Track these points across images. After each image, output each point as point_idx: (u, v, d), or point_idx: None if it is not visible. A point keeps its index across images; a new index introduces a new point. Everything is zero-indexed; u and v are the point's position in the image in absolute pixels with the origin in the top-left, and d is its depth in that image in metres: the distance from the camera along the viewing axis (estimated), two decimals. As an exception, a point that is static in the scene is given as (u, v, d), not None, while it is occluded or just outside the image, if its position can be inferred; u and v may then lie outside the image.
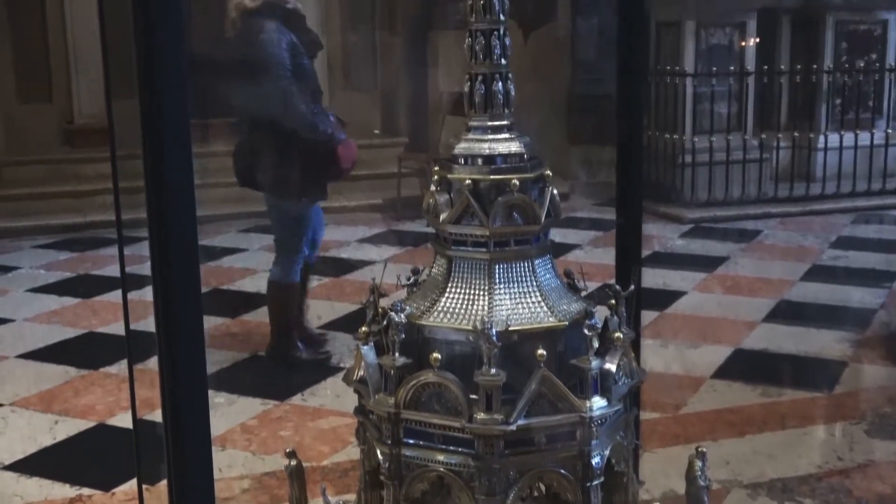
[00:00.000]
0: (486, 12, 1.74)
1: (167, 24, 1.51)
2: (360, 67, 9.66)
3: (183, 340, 1.56)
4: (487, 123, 1.74)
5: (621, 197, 2.35)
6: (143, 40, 1.51)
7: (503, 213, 1.68)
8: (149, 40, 1.51)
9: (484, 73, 1.74)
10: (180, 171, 1.53)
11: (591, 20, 9.07)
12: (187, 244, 1.54)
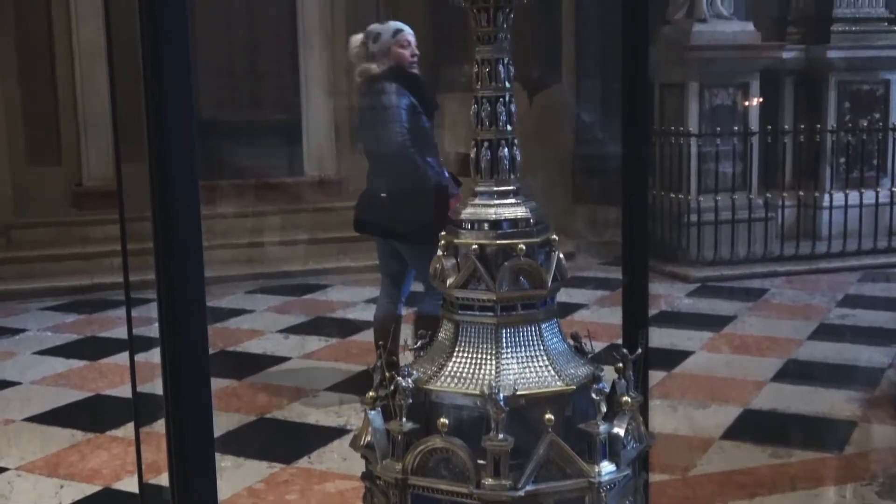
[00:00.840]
0: (491, 79, 1.77)
1: (178, 90, 1.52)
2: (366, 129, 9.72)
3: (190, 403, 1.55)
4: (493, 189, 1.75)
5: (627, 256, 2.35)
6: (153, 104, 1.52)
7: (510, 277, 1.68)
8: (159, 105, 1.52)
9: (490, 139, 1.76)
10: (189, 233, 1.54)
11: (595, 82, 9.15)
12: (195, 306, 1.55)
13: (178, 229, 1.52)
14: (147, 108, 1.53)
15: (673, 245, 8.33)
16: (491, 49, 1.79)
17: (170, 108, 1.51)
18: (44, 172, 8.86)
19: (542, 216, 1.74)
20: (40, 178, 8.81)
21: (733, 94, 8.47)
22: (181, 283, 1.53)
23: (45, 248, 8.32)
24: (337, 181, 9.45)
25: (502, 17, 1.80)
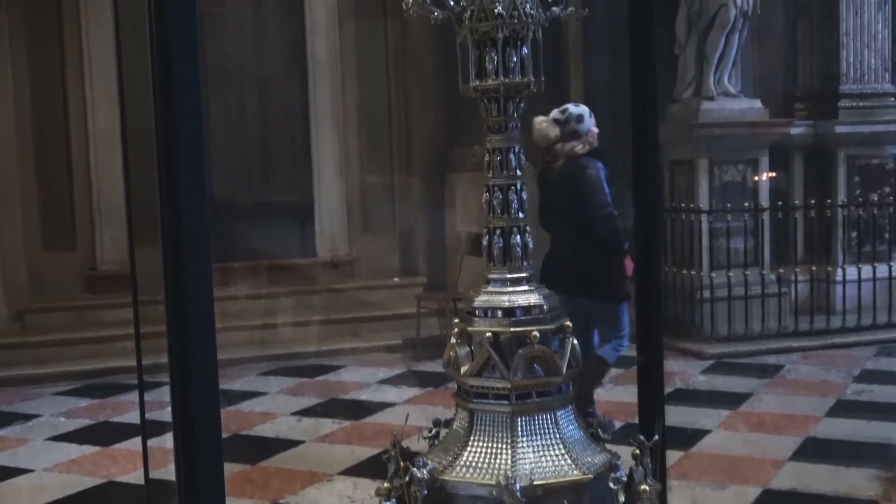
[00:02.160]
0: (502, 168, 1.79)
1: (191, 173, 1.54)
2: (378, 209, 9.79)
3: (203, 489, 1.54)
4: (506, 276, 1.76)
5: (641, 334, 2.35)
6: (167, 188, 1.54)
7: (524, 365, 1.68)
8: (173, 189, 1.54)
9: (502, 227, 1.77)
10: (202, 316, 1.54)
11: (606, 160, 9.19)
12: (208, 389, 1.54)
13: (191, 312, 1.53)
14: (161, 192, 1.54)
15: (686, 321, 8.29)
16: (502, 138, 1.82)
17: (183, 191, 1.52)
18: (58, 257, 8.91)
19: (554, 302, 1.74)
20: (55, 262, 8.86)
21: (743, 171, 8.51)
22: (194, 366, 1.53)
23: (60, 333, 8.33)
24: (349, 262, 9.47)
25: (512, 107, 1.83)
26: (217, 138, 9.10)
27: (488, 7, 1.89)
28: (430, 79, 9.22)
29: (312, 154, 9.56)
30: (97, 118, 8.73)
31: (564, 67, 9.11)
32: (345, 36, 9.54)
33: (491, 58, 1.86)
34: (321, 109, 9.51)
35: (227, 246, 8.63)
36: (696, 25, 8.52)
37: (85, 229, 8.96)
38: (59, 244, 8.99)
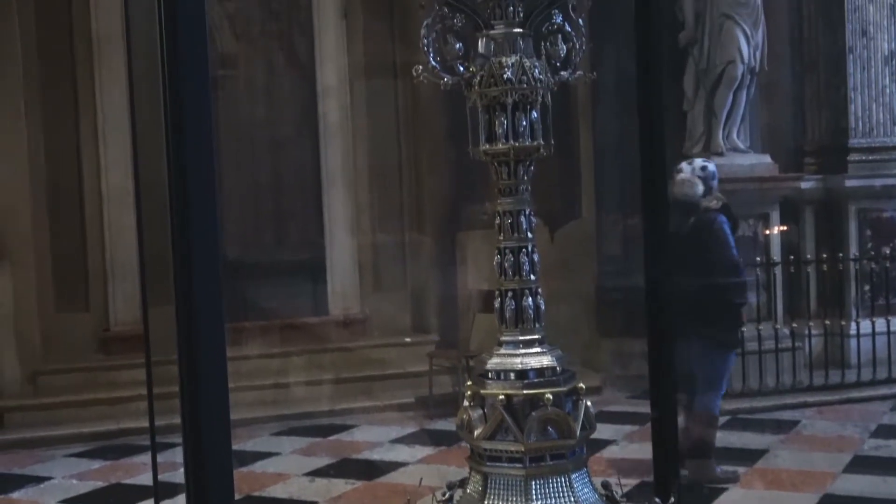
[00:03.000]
0: (513, 231, 1.80)
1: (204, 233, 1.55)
2: (389, 267, 9.81)
3: (215, 552, 1.53)
4: (519, 338, 1.76)
5: (655, 389, 2.33)
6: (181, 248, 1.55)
7: (538, 427, 1.67)
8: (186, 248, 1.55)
9: (514, 289, 1.78)
10: (214, 376, 1.55)
11: (616, 216, 9.23)
12: (220, 451, 1.54)
13: (203, 372, 1.53)
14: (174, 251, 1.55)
15: (700, 377, 8.23)
16: (512, 201, 1.84)
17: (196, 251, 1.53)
18: (71, 318, 8.93)
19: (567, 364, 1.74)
20: (68, 324, 8.88)
21: (754, 225, 8.52)
22: (207, 426, 1.53)
23: (72, 394, 8.33)
24: (361, 320, 9.47)
25: (523, 170, 1.85)
26: (229, 198, 9.16)
27: (497, 72, 1.91)
28: (440, 137, 9.29)
29: (324, 213, 9.61)
30: (111, 177, 8.81)
31: (573, 124, 9.17)
32: (355, 96, 9.64)
33: (500, 122, 1.89)
34: (332, 169, 9.57)
35: (239, 305, 8.65)
36: (703, 82, 8.59)
37: (98, 290, 8.99)
38: (73, 305, 9.02)
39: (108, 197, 8.86)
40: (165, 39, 1.81)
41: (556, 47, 2.03)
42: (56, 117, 8.95)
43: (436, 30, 1.98)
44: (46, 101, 8.92)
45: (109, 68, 8.66)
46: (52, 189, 9.00)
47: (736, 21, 8.41)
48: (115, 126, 8.63)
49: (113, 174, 8.77)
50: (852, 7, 8.99)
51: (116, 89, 8.53)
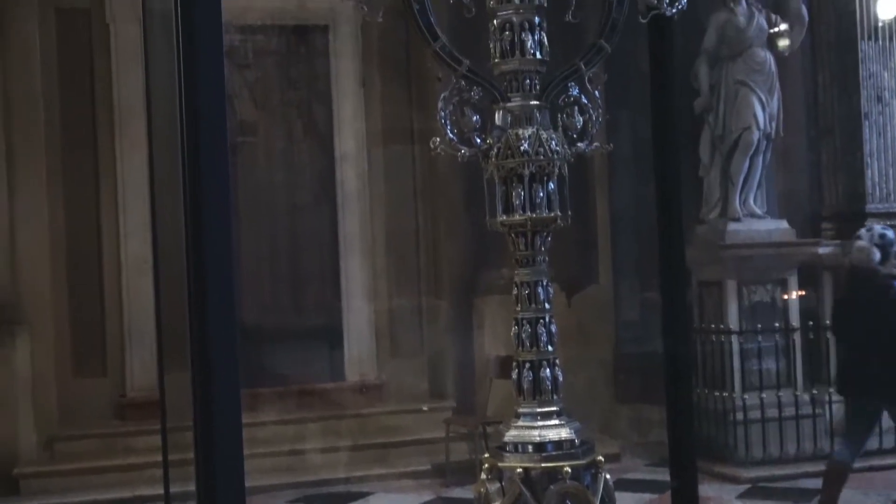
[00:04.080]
0: (531, 301, 1.80)
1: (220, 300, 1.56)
2: (406, 332, 9.80)
3: None
4: (536, 410, 1.76)
5: (674, 457, 2.32)
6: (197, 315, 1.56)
7: (556, 501, 1.66)
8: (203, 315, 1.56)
9: (531, 361, 1.77)
10: (230, 443, 1.54)
11: (633, 282, 9.22)
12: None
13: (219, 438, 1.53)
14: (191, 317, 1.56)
15: (720, 444, 8.16)
16: (530, 272, 1.84)
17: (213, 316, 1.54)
18: (88, 384, 8.94)
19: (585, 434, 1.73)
20: (85, 389, 8.88)
21: (772, 291, 8.49)
22: (222, 494, 1.52)
23: (88, 461, 8.29)
24: (378, 386, 9.44)
25: (540, 241, 1.86)
26: (247, 262, 9.20)
27: (514, 144, 1.93)
28: (457, 202, 9.34)
29: (341, 278, 9.64)
30: (129, 245, 8.87)
31: (590, 189, 9.21)
32: (373, 162, 9.71)
33: (518, 193, 1.90)
34: (350, 234, 9.62)
35: (255, 370, 8.64)
36: (719, 148, 8.62)
37: (115, 356, 9.01)
38: (90, 371, 9.03)
39: (127, 264, 8.91)
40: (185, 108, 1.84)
41: (573, 119, 2.05)
42: (77, 184, 9.04)
43: (453, 102, 2.01)
44: (67, 169, 9.02)
45: (130, 136, 8.77)
46: (72, 256, 9.06)
47: (751, 88, 8.47)
48: (135, 194, 8.71)
49: (132, 241, 8.83)
50: (867, 73, 9.05)
51: (137, 157, 8.62)
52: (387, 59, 9.68)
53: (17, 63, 8.66)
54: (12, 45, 8.60)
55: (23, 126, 8.72)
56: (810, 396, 8.38)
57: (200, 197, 1.65)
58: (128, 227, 8.90)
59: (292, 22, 9.63)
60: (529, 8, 2.08)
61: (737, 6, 8.53)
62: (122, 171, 8.92)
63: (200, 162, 1.71)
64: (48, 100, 8.89)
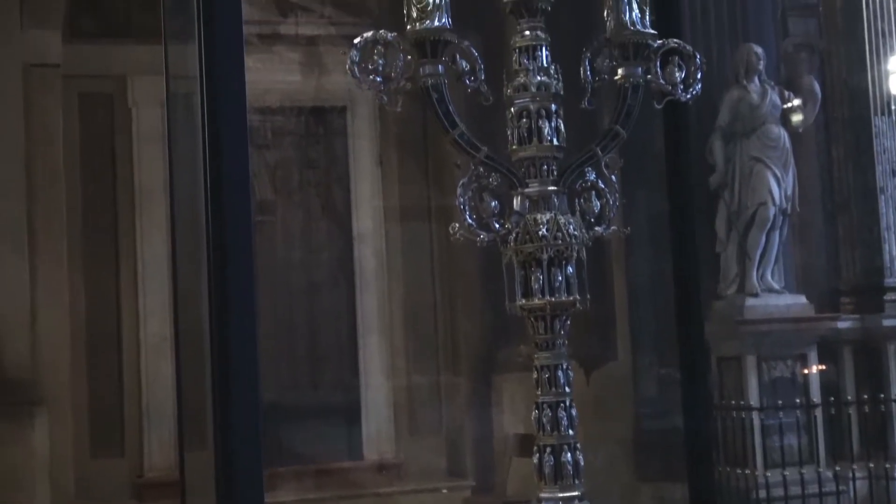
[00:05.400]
0: (551, 385, 1.82)
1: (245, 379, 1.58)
2: (425, 410, 9.76)
3: None
4: (558, 495, 1.76)
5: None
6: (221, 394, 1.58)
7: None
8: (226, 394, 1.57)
9: (552, 445, 1.78)
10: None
11: (652, 358, 9.18)
12: None
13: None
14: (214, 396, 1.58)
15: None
16: (550, 356, 1.86)
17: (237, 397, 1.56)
18: (106, 464, 8.92)
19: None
20: (102, 469, 8.86)
21: (792, 366, 8.44)
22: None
23: (104, 542, 8.24)
24: (396, 465, 9.38)
25: (559, 325, 1.88)
26: (264, 341, 9.21)
27: (532, 229, 1.97)
28: (474, 279, 9.36)
29: (359, 356, 9.64)
30: (149, 325, 8.92)
31: (607, 265, 9.22)
32: (391, 240, 9.78)
33: (536, 277, 1.93)
34: (368, 312, 9.65)
35: (273, 449, 8.60)
36: (735, 224, 8.64)
37: (133, 435, 9.00)
38: (108, 450, 9.02)
39: (146, 344, 8.95)
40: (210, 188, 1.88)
41: (590, 203, 2.09)
42: (97, 265, 9.13)
43: (472, 189, 2.05)
44: (88, 249, 9.12)
45: (150, 218, 8.88)
46: (92, 335, 9.11)
47: (766, 164, 8.51)
48: (154, 275, 8.78)
49: (151, 322, 8.89)
50: (881, 148, 9.09)
51: (156, 238, 8.71)
52: (404, 138, 9.81)
53: (40, 145, 8.80)
54: (35, 128, 8.74)
55: (44, 207, 8.82)
56: (833, 473, 8.28)
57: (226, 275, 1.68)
58: (147, 307, 8.96)
59: (311, 104, 9.78)
60: (546, 96, 2.13)
61: (750, 83, 8.61)
62: (142, 252, 9.02)
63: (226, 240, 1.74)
64: (70, 181, 9.02)
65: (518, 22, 2.17)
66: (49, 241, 8.81)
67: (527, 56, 2.13)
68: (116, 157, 9.25)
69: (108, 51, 9.32)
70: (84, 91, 9.25)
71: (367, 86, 2.07)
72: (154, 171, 8.76)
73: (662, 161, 2.72)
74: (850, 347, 8.98)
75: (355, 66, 2.05)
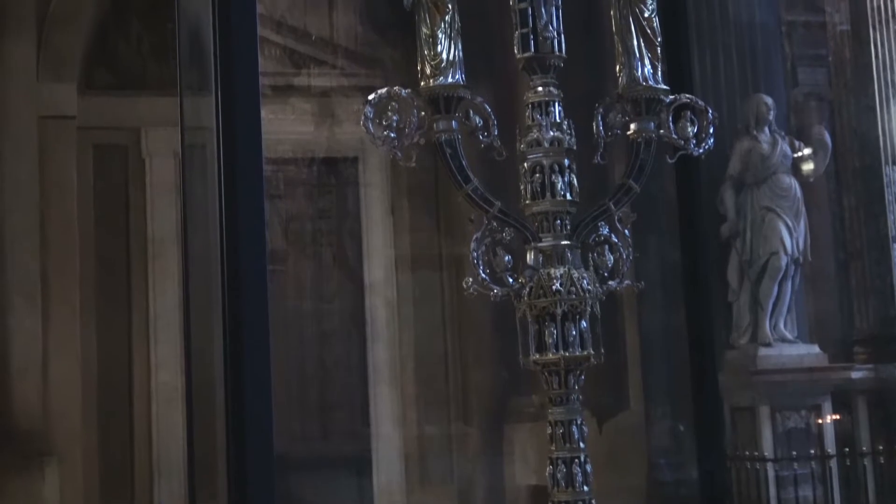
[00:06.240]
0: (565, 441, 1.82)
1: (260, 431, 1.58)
2: (435, 460, 9.71)
3: None
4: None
5: None
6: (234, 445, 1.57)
7: None
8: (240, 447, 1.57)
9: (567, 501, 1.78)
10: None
11: (665, 408, 9.13)
12: None
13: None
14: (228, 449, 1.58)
15: (759, 576, 7.96)
16: (563, 410, 1.86)
17: (251, 449, 1.55)
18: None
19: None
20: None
21: (806, 417, 8.38)
22: None
23: None
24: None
25: (573, 380, 1.88)
26: (275, 390, 9.17)
27: (546, 284, 1.97)
28: (486, 328, 9.35)
29: (370, 405, 9.61)
30: (160, 376, 8.92)
31: (619, 316, 9.20)
32: (402, 289, 9.78)
33: (550, 332, 1.94)
34: (378, 361, 9.64)
35: (284, 500, 8.54)
36: (748, 273, 8.62)
37: (143, 487, 8.97)
38: (117, 502, 8.98)
39: (158, 395, 8.95)
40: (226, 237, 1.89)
41: (604, 258, 2.10)
42: (109, 315, 9.16)
43: (485, 243, 2.06)
44: (101, 299, 9.15)
45: (163, 268, 8.92)
46: (103, 386, 9.11)
47: (777, 213, 8.51)
48: (166, 325, 8.80)
49: (163, 373, 8.89)
50: (892, 197, 9.09)
51: (169, 288, 8.74)
52: (415, 187, 9.85)
53: (55, 194, 8.87)
54: (50, 179, 8.81)
55: (58, 256, 8.87)
56: (850, 525, 8.20)
57: (240, 327, 1.68)
58: (159, 357, 8.97)
59: (323, 154, 9.84)
60: (559, 151, 2.14)
61: (760, 133, 8.64)
62: (154, 302, 9.04)
63: (240, 291, 1.75)
64: (84, 231, 9.07)
65: (531, 78, 2.19)
66: (62, 291, 8.85)
67: (540, 111, 2.15)
68: (130, 207, 9.31)
69: (122, 103, 9.42)
70: (99, 142, 9.34)
71: (382, 141, 2.09)
72: (167, 222, 8.82)
73: (674, 210, 2.73)
74: (865, 397, 8.92)
75: (369, 122, 2.07)
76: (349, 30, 9.86)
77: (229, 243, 1.85)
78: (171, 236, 8.62)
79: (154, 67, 9.30)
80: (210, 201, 2.17)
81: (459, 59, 2.13)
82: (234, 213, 1.86)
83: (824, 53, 9.73)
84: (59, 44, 8.87)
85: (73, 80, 9.00)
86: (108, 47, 9.58)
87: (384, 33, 9.72)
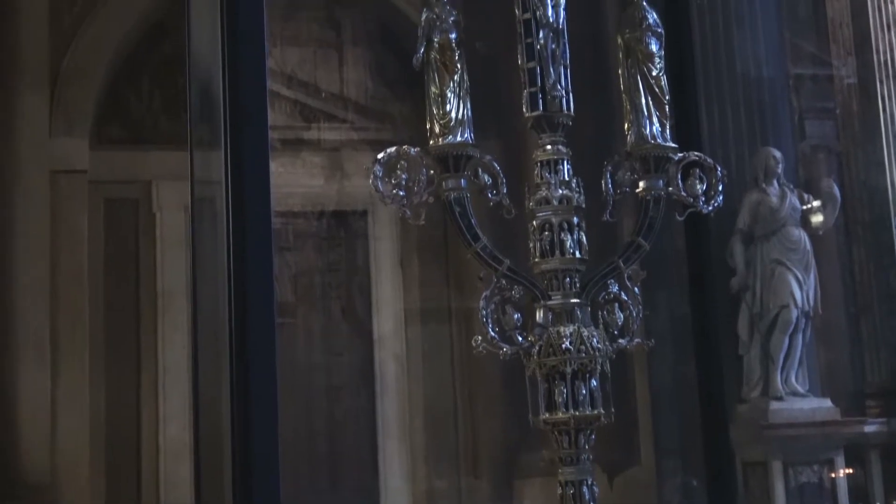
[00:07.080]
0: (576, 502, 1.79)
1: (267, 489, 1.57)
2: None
3: None
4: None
5: None
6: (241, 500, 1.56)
7: None
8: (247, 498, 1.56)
9: None
10: None
11: (675, 462, 9.05)
12: None
13: None
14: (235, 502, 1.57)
15: None
16: (574, 471, 1.85)
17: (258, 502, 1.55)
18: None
19: None
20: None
21: (819, 471, 8.30)
22: None
23: None
24: (417, 571, 9.23)
25: (583, 440, 1.86)
26: (283, 444, 9.13)
27: (556, 342, 1.97)
28: (495, 381, 9.32)
29: (379, 459, 9.56)
30: (168, 430, 8.90)
31: (629, 369, 9.16)
32: (411, 342, 9.77)
33: (560, 391, 1.93)
34: (387, 414, 9.60)
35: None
36: (758, 326, 8.59)
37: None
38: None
39: (165, 449, 8.92)
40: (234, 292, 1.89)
41: (614, 316, 2.09)
42: (118, 368, 9.16)
43: (494, 301, 2.05)
44: (110, 352, 9.15)
45: (173, 322, 8.94)
46: (111, 440, 9.08)
47: (787, 266, 8.50)
48: (175, 378, 8.80)
49: (171, 426, 8.87)
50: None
51: (178, 342, 8.75)
52: (425, 240, 9.87)
53: (65, 247, 8.91)
54: (60, 232, 8.85)
55: (68, 310, 8.89)
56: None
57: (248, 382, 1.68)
58: (167, 412, 8.96)
59: (333, 207, 9.88)
60: (568, 209, 2.14)
61: (769, 186, 8.65)
62: (164, 356, 9.04)
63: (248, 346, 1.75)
64: (93, 284, 9.09)
65: (540, 136, 2.20)
66: (71, 344, 8.85)
67: (549, 170, 2.16)
68: (140, 260, 9.35)
69: (133, 157, 9.50)
70: (109, 196, 9.40)
71: (391, 199, 2.10)
72: (176, 275, 8.84)
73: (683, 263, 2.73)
74: (878, 451, 8.84)
75: (378, 181, 2.08)
76: (359, 84, 9.95)
77: (237, 296, 1.85)
78: (181, 289, 8.64)
79: (165, 122, 9.39)
80: (219, 254, 2.18)
81: (468, 117, 2.14)
82: (242, 267, 1.86)
83: (832, 106, 9.78)
84: (72, 99, 8.96)
85: (84, 135, 9.08)
86: (119, 102, 9.68)
87: (394, 88, 9.80)
